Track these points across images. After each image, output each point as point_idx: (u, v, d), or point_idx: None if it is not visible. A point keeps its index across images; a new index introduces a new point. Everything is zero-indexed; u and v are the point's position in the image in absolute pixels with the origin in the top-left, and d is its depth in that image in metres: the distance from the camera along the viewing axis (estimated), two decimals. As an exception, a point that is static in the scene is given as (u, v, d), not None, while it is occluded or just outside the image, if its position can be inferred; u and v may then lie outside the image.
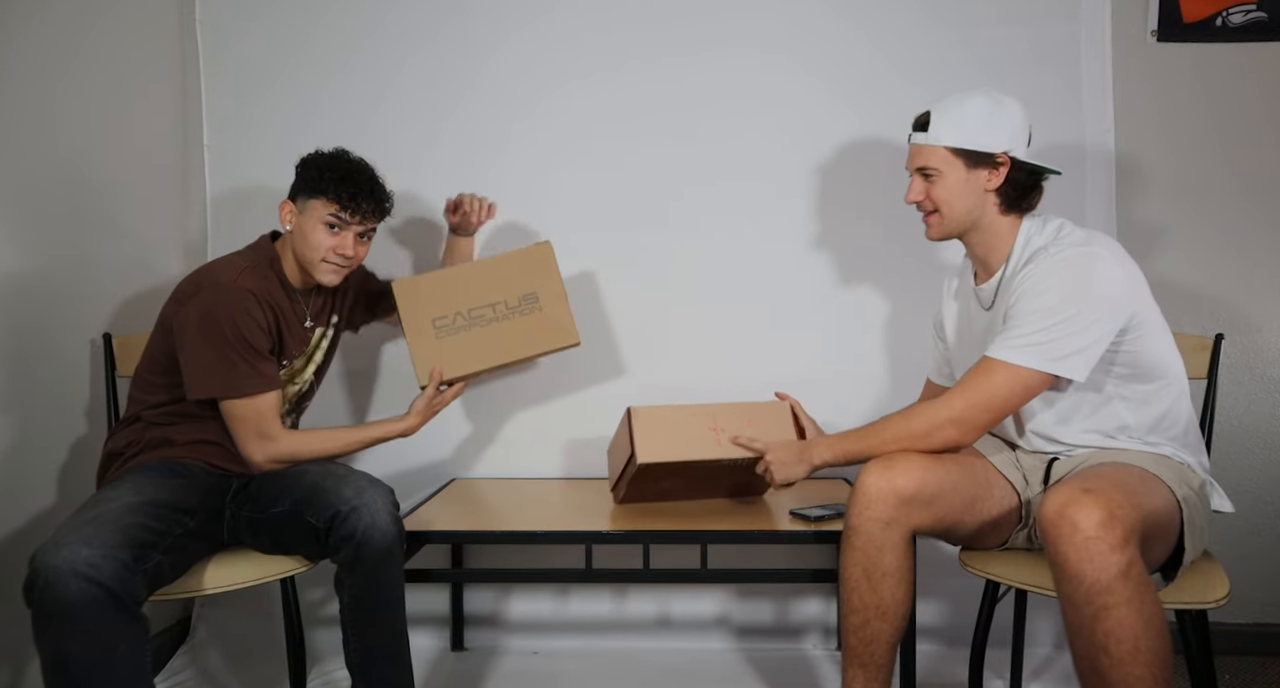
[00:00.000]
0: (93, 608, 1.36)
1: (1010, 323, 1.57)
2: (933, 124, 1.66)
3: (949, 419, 1.57)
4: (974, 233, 1.70)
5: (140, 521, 1.50)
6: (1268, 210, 2.23)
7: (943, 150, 1.65)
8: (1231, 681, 2.10)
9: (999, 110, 1.64)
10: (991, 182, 1.64)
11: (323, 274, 1.80)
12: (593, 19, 2.30)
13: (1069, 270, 1.54)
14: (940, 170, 1.66)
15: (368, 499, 1.63)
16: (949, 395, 1.60)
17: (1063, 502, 1.33)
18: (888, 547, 1.59)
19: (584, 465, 2.32)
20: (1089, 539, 1.29)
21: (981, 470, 1.68)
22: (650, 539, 1.88)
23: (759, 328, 2.31)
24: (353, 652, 1.69)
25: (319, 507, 1.64)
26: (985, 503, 1.65)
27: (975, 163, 1.64)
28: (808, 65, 2.27)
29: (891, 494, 1.57)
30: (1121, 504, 1.33)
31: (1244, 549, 2.21)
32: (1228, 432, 2.22)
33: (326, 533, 1.63)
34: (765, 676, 2.15)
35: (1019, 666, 1.95)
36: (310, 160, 1.82)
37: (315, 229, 1.77)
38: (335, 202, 1.76)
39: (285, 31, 2.32)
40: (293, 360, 1.85)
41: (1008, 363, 1.54)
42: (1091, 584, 1.29)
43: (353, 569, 1.64)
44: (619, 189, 2.31)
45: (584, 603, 2.36)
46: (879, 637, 1.62)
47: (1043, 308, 1.52)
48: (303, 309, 1.86)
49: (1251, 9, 2.20)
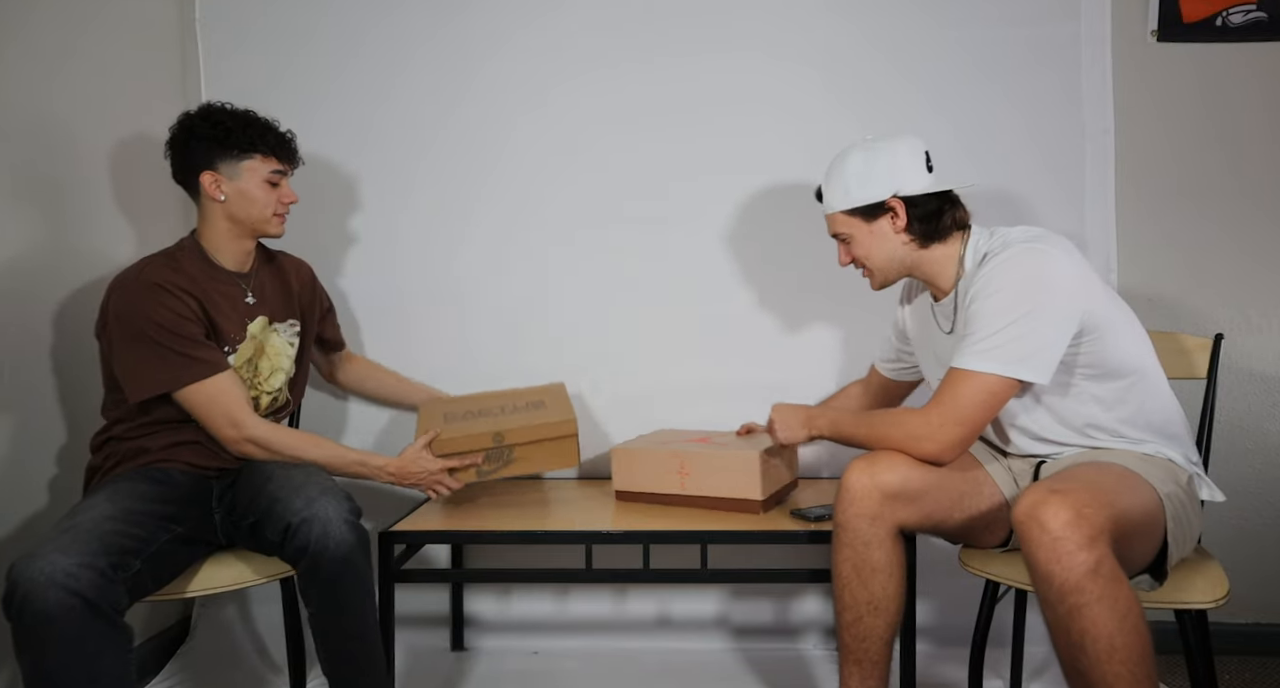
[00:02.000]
0: (71, 618, 1.34)
1: (968, 329, 1.58)
2: (824, 195, 1.75)
3: (925, 434, 1.58)
4: (915, 270, 1.74)
5: (119, 528, 1.48)
6: (1268, 210, 2.23)
7: (840, 215, 1.73)
8: (1231, 681, 2.10)
9: (874, 159, 1.68)
10: (896, 224, 1.69)
11: (275, 227, 1.83)
12: (593, 19, 2.29)
13: (1016, 268, 1.55)
14: (848, 233, 1.73)
15: (318, 509, 1.58)
16: (925, 410, 1.61)
17: (1031, 503, 1.35)
18: (875, 543, 1.61)
19: (583, 465, 2.32)
20: (1056, 540, 1.31)
21: (971, 469, 1.69)
22: (650, 539, 1.89)
23: (759, 327, 2.31)
24: (324, 661, 1.65)
25: (274, 519, 1.60)
26: (974, 500, 1.66)
27: (871, 215, 1.70)
28: (807, 65, 2.27)
29: (875, 491, 1.60)
30: (1089, 503, 1.33)
31: (1244, 549, 2.21)
32: (1227, 432, 2.22)
33: (281, 546, 1.60)
34: (765, 676, 2.15)
35: (1019, 666, 1.95)
36: (210, 122, 1.74)
37: (259, 188, 1.77)
38: (273, 156, 1.78)
39: (285, 31, 2.32)
40: (235, 346, 1.77)
41: (969, 371, 1.55)
42: (1061, 584, 1.30)
43: (312, 580, 1.58)
44: (619, 188, 2.30)
45: (584, 603, 2.36)
46: (872, 633, 1.63)
47: (995, 309, 1.53)
48: (240, 289, 1.81)
49: (1251, 9, 2.20)
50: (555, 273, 2.33)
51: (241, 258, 1.84)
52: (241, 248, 1.82)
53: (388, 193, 2.33)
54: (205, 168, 1.75)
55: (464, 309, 2.33)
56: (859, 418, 1.74)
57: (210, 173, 1.75)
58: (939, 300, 1.75)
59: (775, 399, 2.16)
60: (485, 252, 2.33)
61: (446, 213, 2.32)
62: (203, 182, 1.75)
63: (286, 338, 1.90)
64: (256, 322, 1.82)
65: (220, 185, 1.75)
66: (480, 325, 2.33)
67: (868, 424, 1.69)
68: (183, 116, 1.79)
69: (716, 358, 2.31)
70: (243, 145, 1.74)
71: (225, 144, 1.74)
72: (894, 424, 1.64)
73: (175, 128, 1.78)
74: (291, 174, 1.87)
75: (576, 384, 2.32)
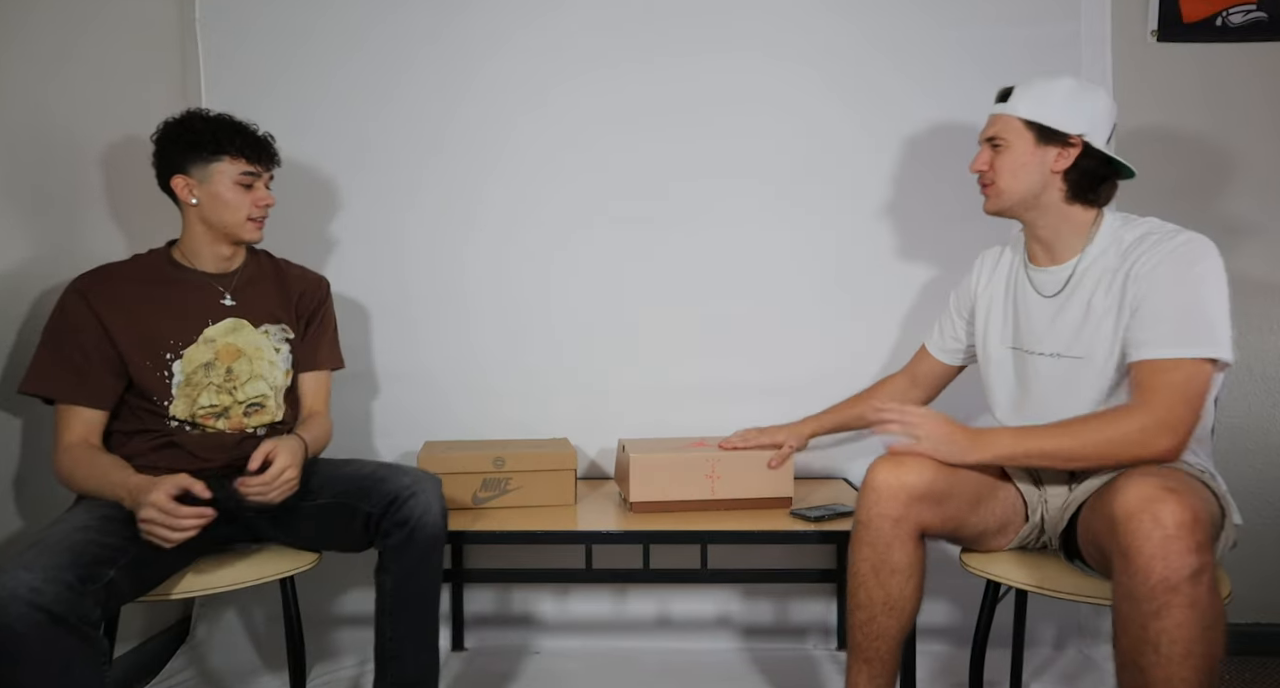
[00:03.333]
0: (37, 633, 1.33)
1: (1157, 319, 1.51)
2: (1014, 95, 1.65)
3: (1160, 424, 1.46)
4: (1034, 213, 1.67)
5: (91, 538, 1.47)
6: (1268, 210, 2.23)
7: (1016, 121, 1.63)
8: (1231, 681, 2.10)
9: (1084, 94, 1.62)
10: (1059, 163, 1.62)
11: (249, 232, 1.79)
12: (593, 18, 2.29)
13: (1193, 260, 1.52)
14: (1009, 141, 1.64)
15: (425, 487, 1.69)
16: (1135, 408, 1.49)
17: (1146, 497, 1.30)
18: (896, 544, 1.59)
19: (583, 465, 2.32)
20: (1168, 537, 1.26)
21: (990, 474, 1.68)
22: (650, 539, 1.89)
23: (759, 326, 2.31)
24: (388, 639, 1.70)
25: (375, 494, 1.68)
26: (990, 503, 1.65)
27: (1046, 139, 1.62)
28: (807, 65, 2.27)
29: (902, 491, 1.57)
30: (1202, 509, 1.30)
31: (1243, 550, 2.18)
32: (1227, 432, 2.22)
33: (380, 518, 1.67)
34: (765, 676, 2.15)
35: (1019, 666, 1.95)
36: (181, 127, 1.75)
37: (230, 190, 1.75)
38: (243, 157, 1.75)
39: (285, 31, 2.32)
40: (179, 351, 1.73)
41: (1180, 359, 1.48)
42: (1161, 581, 1.26)
43: (401, 553, 1.67)
44: (620, 188, 2.30)
45: (584, 603, 2.36)
46: (885, 633, 1.62)
47: (1187, 299, 1.50)
48: (215, 290, 1.80)
49: (1251, 9, 2.20)
50: (556, 273, 2.33)
51: (220, 261, 1.82)
52: (219, 251, 1.81)
53: (388, 192, 2.33)
54: (176, 172, 1.75)
55: (465, 309, 2.33)
56: (1052, 431, 1.54)
57: (181, 177, 1.75)
58: (1043, 264, 1.70)
59: (775, 400, 2.18)
60: (486, 251, 2.32)
61: (447, 213, 2.32)
62: (174, 186, 1.75)
63: (273, 341, 1.85)
64: (223, 324, 1.79)
65: (192, 189, 1.75)
66: (481, 325, 2.33)
67: (1071, 434, 1.52)
68: (161, 124, 1.79)
69: (718, 358, 2.31)
70: (211, 147, 1.73)
71: (195, 147, 1.73)
72: (1112, 423, 1.50)
73: (154, 135, 1.79)
74: (268, 176, 1.82)
75: (577, 384, 2.32)
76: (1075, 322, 1.63)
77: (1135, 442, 1.48)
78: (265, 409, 1.82)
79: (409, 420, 2.31)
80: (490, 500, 2.04)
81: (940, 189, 2.21)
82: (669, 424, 2.24)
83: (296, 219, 2.30)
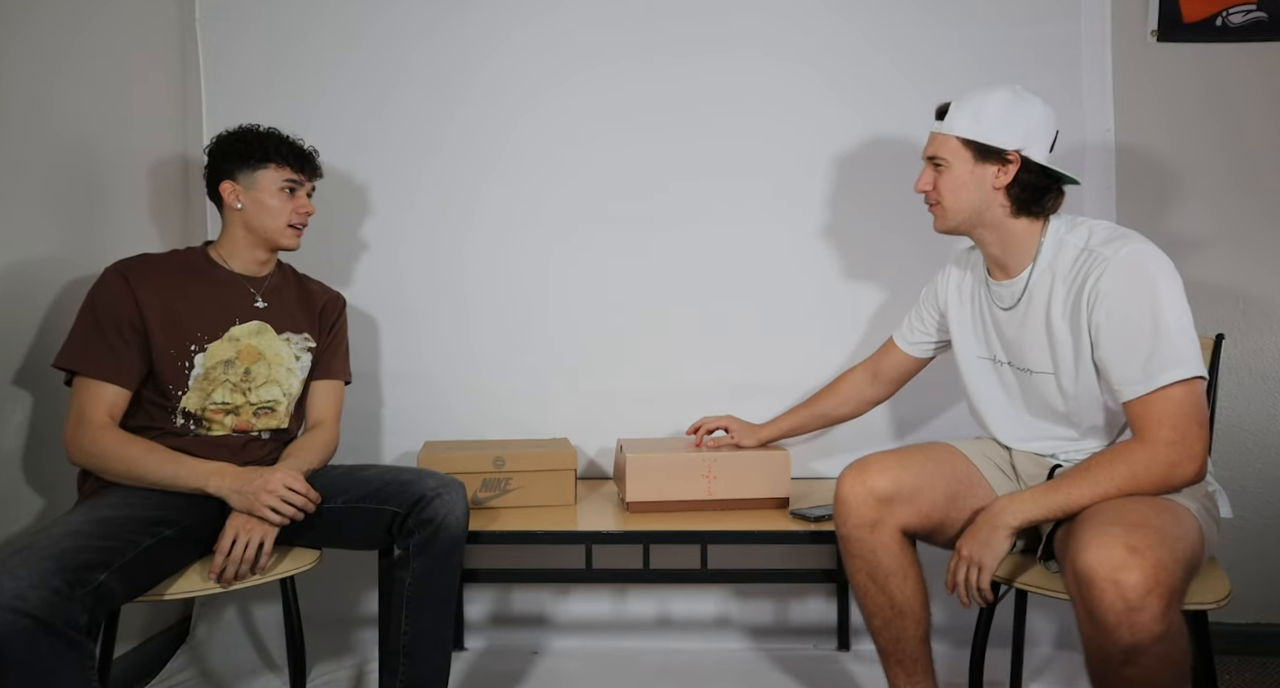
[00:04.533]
0: (21, 639, 1.32)
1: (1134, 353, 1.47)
2: (950, 113, 1.62)
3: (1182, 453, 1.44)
4: (983, 230, 1.65)
5: (81, 543, 1.46)
6: (1268, 210, 2.23)
7: (954, 140, 1.61)
8: (1231, 681, 2.10)
9: (1018, 106, 1.59)
10: (999, 179, 1.59)
11: (288, 238, 1.87)
12: (592, 17, 2.29)
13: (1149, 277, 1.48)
14: (948, 161, 1.62)
15: (450, 489, 1.74)
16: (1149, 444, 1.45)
17: (1108, 562, 1.26)
18: (880, 549, 1.61)
19: (583, 465, 2.32)
20: (1132, 609, 1.25)
21: (963, 469, 1.69)
22: (650, 539, 1.89)
23: (759, 326, 2.31)
24: (403, 635, 1.72)
25: (401, 495, 1.73)
26: (968, 500, 1.66)
27: (983, 157, 1.59)
28: (807, 65, 2.27)
29: (870, 497, 1.59)
30: (1166, 564, 1.27)
31: (1243, 550, 2.21)
32: (1227, 432, 2.22)
33: (406, 517, 1.70)
34: (765, 676, 2.15)
35: (1019, 666, 1.95)
36: (234, 138, 1.85)
37: (273, 197, 1.83)
38: (287, 165, 1.84)
39: (285, 31, 2.32)
40: (204, 344, 1.77)
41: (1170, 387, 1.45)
42: (1129, 646, 1.26)
43: (423, 551, 1.70)
44: (619, 187, 2.31)
45: (584, 603, 2.36)
46: (904, 634, 1.65)
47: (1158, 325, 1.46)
48: (248, 292, 1.85)
49: (1251, 9, 2.20)
50: (556, 272, 2.33)
51: (255, 265, 1.88)
52: (256, 256, 1.87)
53: (387, 192, 2.33)
54: (225, 178, 1.84)
55: (465, 309, 2.33)
56: (1069, 484, 1.49)
57: (229, 182, 1.83)
58: (999, 279, 1.68)
59: (775, 400, 2.17)
60: (486, 251, 2.33)
61: (446, 212, 2.32)
62: (223, 191, 1.83)
63: (295, 349, 1.89)
64: (250, 324, 1.83)
65: (238, 195, 1.83)
66: (481, 325, 2.33)
67: (1091, 480, 1.47)
68: (214, 136, 1.88)
69: (717, 358, 2.31)
70: (258, 156, 1.82)
71: (244, 155, 1.83)
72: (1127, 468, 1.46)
73: (208, 146, 1.88)
74: (310, 187, 1.91)
75: (577, 384, 2.32)
76: (1037, 338, 1.62)
77: (1159, 476, 1.44)
78: (275, 414, 1.85)
79: (409, 421, 2.31)
80: (490, 501, 2.04)
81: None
82: (669, 424, 2.25)
83: (296, 219, 2.31)
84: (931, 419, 2.27)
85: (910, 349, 1.93)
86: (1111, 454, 1.50)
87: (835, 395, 2.02)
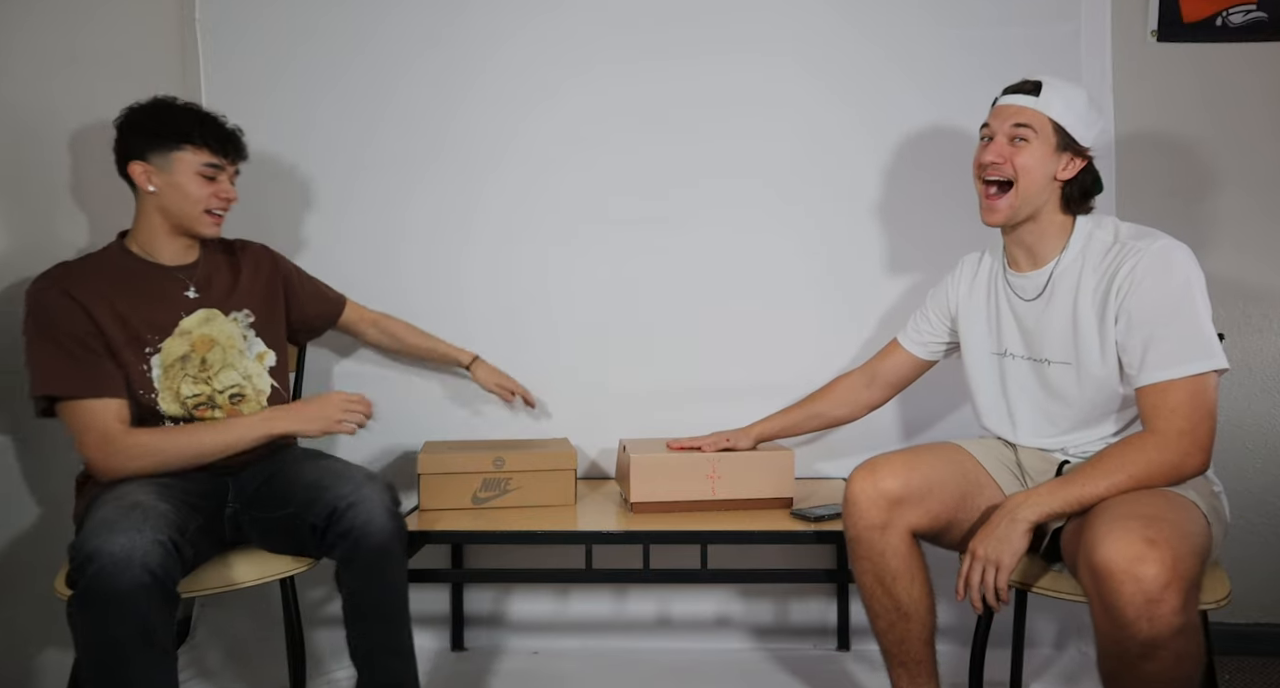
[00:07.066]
0: (142, 594, 1.39)
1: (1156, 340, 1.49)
2: (1046, 92, 1.59)
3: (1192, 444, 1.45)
4: (1029, 223, 1.64)
5: (171, 507, 1.52)
6: (1268, 210, 2.23)
7: (1049, 119, 1.59)
8: (1231, 681, 2.10)
9: (1096, 110, 1.63)
10: (1065, 172, 1.60)
11: (206, 226, 1.75)
12: (594, 17, 2.29)
13: (1174, 269, 1.50)
14: (1036, 135, 1.59)
15: (364, 495, 1.62)
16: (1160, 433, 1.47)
17: (1127, 554, 1.26)
18: (889, 551, 1.61)
19: (583, 465, 2.32)
20: (1152, 601, 1.24)
21: (971, 469, 1.69)
22: (650, 539, 1.89)
23: (760, 327, 2.31)
24: (355, 647, 1.69)
25: (318, 505, 1.63)
26: (977, 500, 1.66)
27: (1064, 146, 1.59)
28: (809, 65, 2.27)
29: (880, 498, 1.59)
30: (1184, 557, 1.27)
31: (1244, 550, 2.21)
32: (1227, 432, 2.22)
33: (324, 530, 1.62)
34: (765, 676, 2.15)
35: (1019, 666, 1.95)
36: (146, 113, 1.72)
37: (190, 181, 1.71)
38: (206, 148, 1.71)
39: (285, 31, 2.32)
40: (156, 345, 1.71)
41: (1188, 377, 1.46)
42: (1148, 639, 1.26)
43: (349, 565, 1.63)
44: (619, 188, 2.30)
45: (584, 603, 2.36)
46: (909, 636, 1.66)
47: (1182, 315, 1.48)
48: (180, 282, 1.76)
49: (1251, 9, 2.20)
50: (556, 273, 2.33)
51: (180, 252, 1.78)
52: (177, 243, 1.77)
53: (388, 192, 2.32)
54: (136, 158, 1.71)
55: (465, 309, 2.33)
56: (1082, 477, 1.48)
57: (140, 163, 1.70)
58: (1023, 271, 1.68)
59: (776, 401, 2.17)
60: (487, 251, 2.32)
61: (447, 212, 2.32)
62: (132, 172, 1.71)
63: (241, 328, 1.83)
64: (196, 315, 1.76)
65: (150, 176, 1.70)
66: (481, 325, 2.32)
67: (1104, 473, 1.46)
68: (125, 109, 1.75)
69: (718, 358, 2.31)
70: (174, 136, 1.69)
71: (157, 134, 1.69)
72: (1138, 457, 1.46)
73: (117, 119, 1.74)
74: (234, 171, 1.79)
75: (577, 384, 2.32)
76: (1061, 328, 1.62)
77: (1171, 465, 1.45)
78: (246, 398, 1.80)
79: (409, 421, 2.31)
80: (490, 501, 2.04)
81: (941, 190, 2.21)
82: (669, 424, 2.24)
83: (296, 219, 2.31)
84: (938, 421, 2.27)
85: (916, 350, 1.93)
86: (1124, 446, 1.50)
87: (830, 396, 2.02)
